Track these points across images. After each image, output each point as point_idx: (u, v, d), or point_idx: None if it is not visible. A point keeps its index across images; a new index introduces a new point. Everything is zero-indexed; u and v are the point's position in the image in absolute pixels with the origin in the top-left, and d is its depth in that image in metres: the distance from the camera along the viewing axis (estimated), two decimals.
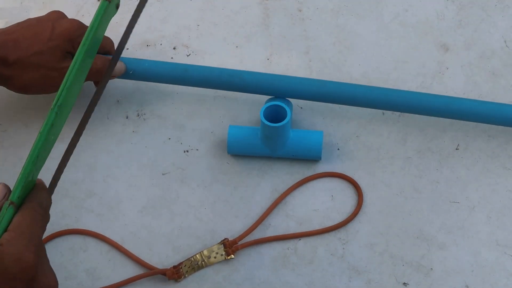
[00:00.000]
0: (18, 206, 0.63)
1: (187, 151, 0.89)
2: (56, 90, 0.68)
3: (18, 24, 0.86)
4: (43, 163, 0.66)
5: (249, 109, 0.90)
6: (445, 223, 0.84)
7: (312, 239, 0.84)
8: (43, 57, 0.83)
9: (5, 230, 0.62)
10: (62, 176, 0.87)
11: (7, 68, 0.83)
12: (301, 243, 0.84)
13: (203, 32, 0.95)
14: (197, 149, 0.89)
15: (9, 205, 0.61)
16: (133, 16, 0.77)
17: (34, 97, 0.92)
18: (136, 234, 0.85)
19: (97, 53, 0.77)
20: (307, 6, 0.96)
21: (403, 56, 0.93)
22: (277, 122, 0.82)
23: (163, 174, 0.87)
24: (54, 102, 0.65)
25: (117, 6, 0.75)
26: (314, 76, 0.92)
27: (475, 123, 0.87)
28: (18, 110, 0.92)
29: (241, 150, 0.87)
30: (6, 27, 0.86)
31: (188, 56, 0.93)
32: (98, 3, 0.97)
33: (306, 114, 0.90)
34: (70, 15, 0.98)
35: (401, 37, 0.94)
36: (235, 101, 0.91)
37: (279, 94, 0.87)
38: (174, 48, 0.94)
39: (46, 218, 0.66)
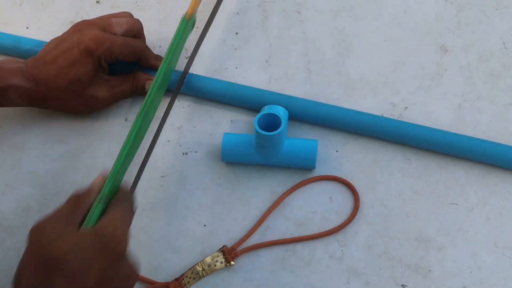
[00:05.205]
0: (106, 204, 0.69)
1: (186, 154, 0.89)
2: (94, 109, 0.88)
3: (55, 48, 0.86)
4: (128, 165, 0.74)
5: (248, 111, 0.90)
6: (443, 224, 0.84)
7: (311, 241, 0.84)
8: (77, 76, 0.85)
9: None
10: (61, 178, 0.88)
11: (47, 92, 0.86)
12: (299, 245, 0.84)
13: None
14: (196, 152, 0.89)
15: (98, 202, 0.68)
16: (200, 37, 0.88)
17: None
18: (135, 237, 0.84)
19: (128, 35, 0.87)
20: (306, 8, 0.96)
21: (402, 58, 0.92)
22: (272, 130, 0.81)
23: (161, 177, 0.87)
24: (140, 110, 0.76)
25: (193, 25, 0.88)
26: (313, 77, 0.92)
27: None
28: (16, 112, 0.92)
29: (235, 158, 0.86)
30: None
31: (186, 58, 0.93)
32: (97, 5, 0.98)
33: None
34: (69, 17, 0.98)
35: (399, 38, 0.94)
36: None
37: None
38: None
39: (132, 216, 0.71)
